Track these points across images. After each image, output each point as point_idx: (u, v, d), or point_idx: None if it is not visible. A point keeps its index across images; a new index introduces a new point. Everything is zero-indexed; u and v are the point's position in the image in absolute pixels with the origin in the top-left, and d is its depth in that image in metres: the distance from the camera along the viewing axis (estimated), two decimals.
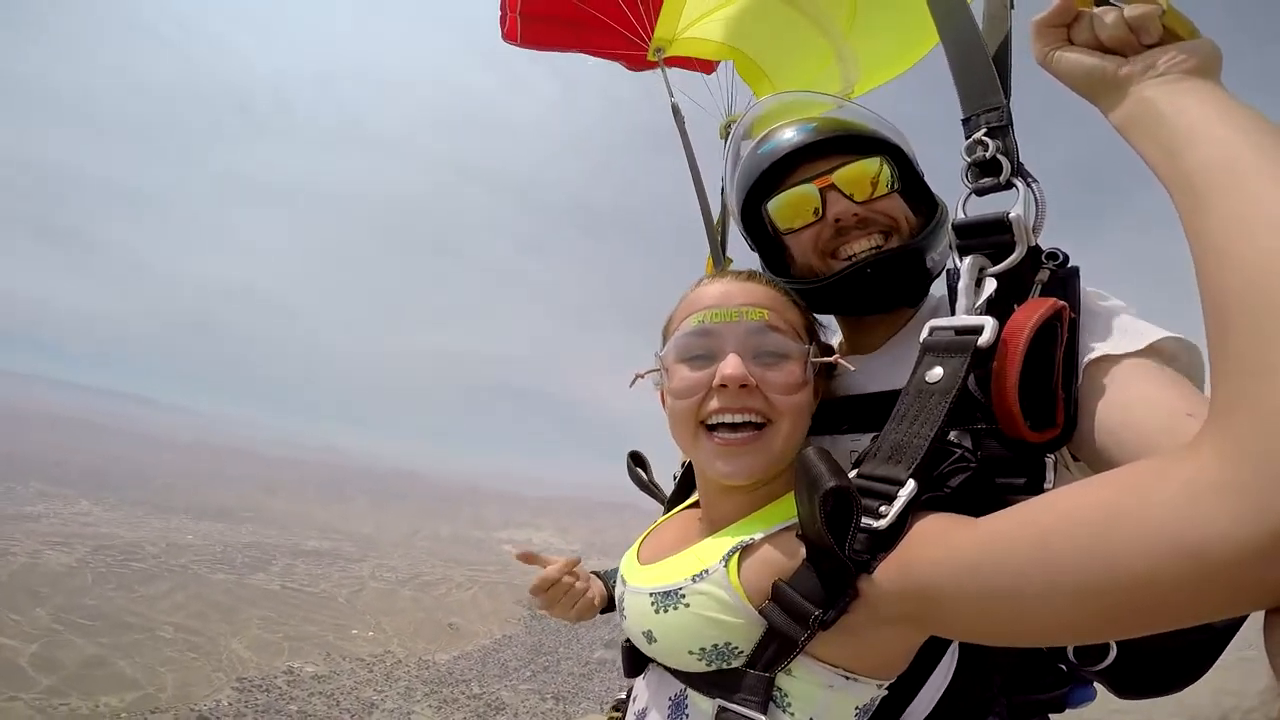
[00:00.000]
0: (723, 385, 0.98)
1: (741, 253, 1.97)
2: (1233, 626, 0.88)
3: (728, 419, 0.99)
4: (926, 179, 1.28)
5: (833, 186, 1.19)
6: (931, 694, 0.97)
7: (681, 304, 1.12)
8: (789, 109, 1.38)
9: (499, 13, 3.07)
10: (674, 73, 2.88)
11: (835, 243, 1.21)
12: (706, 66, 3.00)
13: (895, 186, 1.21)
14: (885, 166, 1.20)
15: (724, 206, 2.14)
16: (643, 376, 1.12)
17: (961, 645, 1.00)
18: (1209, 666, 0.94)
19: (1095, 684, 1.11)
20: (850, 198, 1.18)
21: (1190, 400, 0.79)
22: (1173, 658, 0.95)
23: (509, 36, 3.12)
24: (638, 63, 3.04)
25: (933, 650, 0.96)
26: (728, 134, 2.13)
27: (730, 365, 0.97)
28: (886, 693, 0.92)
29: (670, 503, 1.44)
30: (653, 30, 2.74)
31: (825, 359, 1.05)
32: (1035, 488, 0.87)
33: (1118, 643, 0.96)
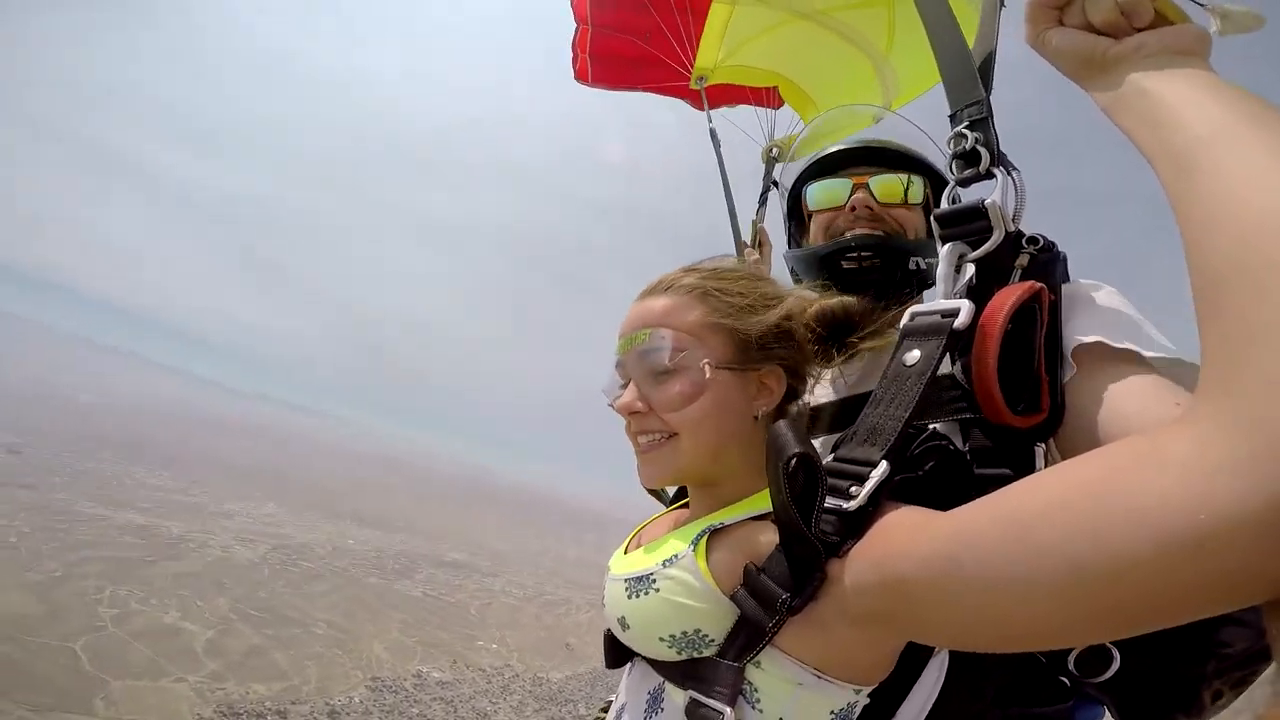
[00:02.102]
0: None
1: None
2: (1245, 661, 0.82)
3: (639, 440, 1.07)
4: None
5: (865, 186, 1.40)
6: (918, 705, 0.95)
7: None
8: (856, 119, 1.71)
9: (570, 54, 3.25)
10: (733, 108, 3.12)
11: (843, 227, 1.41)
12: (762, 98, 3.08)
13: (918, 202, 1.39)
14: (917, 185, 1.39)
15: (754, 229, 2.33)
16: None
17: (951, 654, 0.97)
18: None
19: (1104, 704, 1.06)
20: (874, 197, 1.38)
21: (1179, 392, 0.77)
22: (1184, 680, 0.89)
23: (580, 76, 3.31)
24: (696, 97, 3.15)
25: (918, 658, 0.94)
26: (769, 159, 2.42)
27: (624, 395, 1.06)
28: (867, 700, 0.91)
29: (673, 501, 1.50)
30: (694, 60, 2.90)
31: (713, 363, 1.02)
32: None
33: (1122, 655, 0.92)
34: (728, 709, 0.85)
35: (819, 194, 1.48)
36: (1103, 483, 0.51)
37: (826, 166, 1.50)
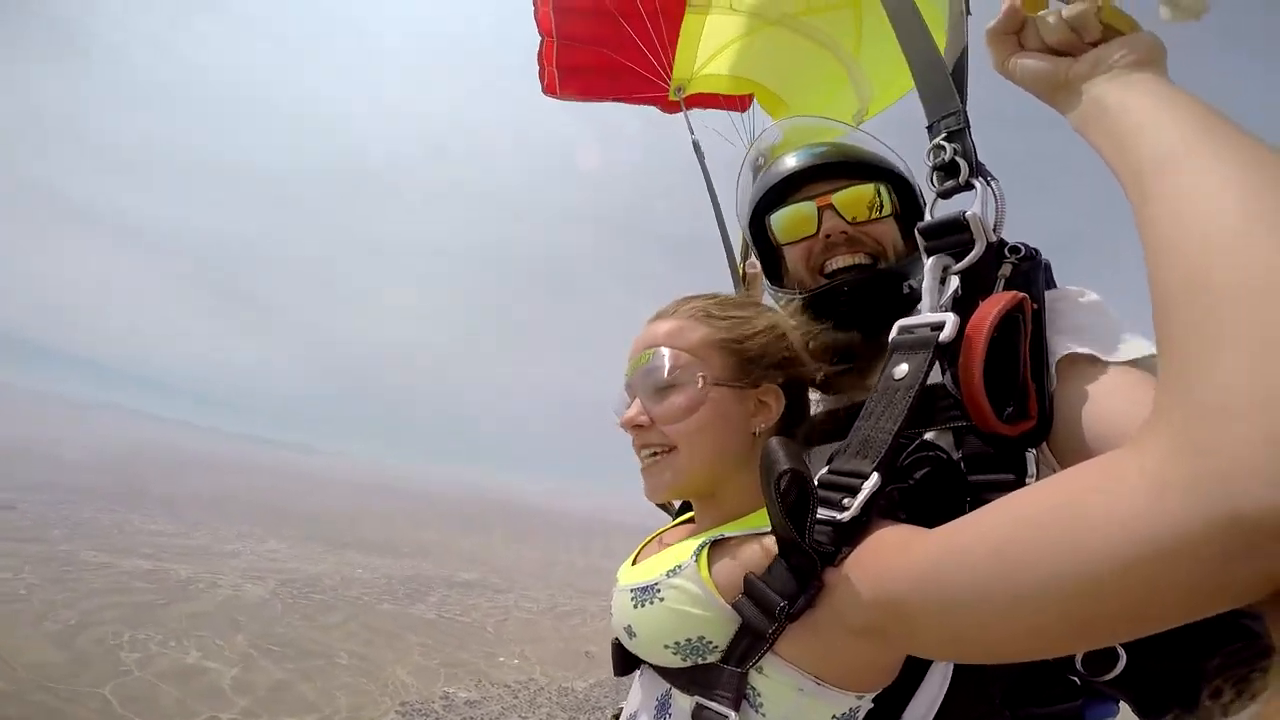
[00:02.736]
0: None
1: None
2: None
3: (641, 451, 1.10)
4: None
5: (831, 206, 1.28)
6: (924, 707, 0.95)
7: None
8: (802, 134, 1.47)
9: (537, 67, 3.14)
10: (707, 110, 2.98)
11: (823, 257, 1.29)
12: (734, 103, 3.07)
13: (889, 213, 1.28)
14: (884, 193, 1.28)
15: (744, 241, 2.23)
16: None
17: None
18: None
19: (1119, 701, 1.05)
20: (844, 218, 1.27)
21: None
22: (1193, 675, 0.87)
23: (549, 90, 3.20)
24: (670, 105, 3.08)
25: (923, 661, 0.94)
26: (754, 165, 2.27)
27: (628, 411, 1.10)
28: (871, 705, 0.91)
29: (678, 515, 1.46)
30: (671, 71, 2.82)
31: (710, 379, 1.05)
32: (1020, 485, 0.87)
33: (1128, 652, 0.92)
34: (732, 713, 0.86)
35: (785, 224, 1.34)
36: (1070, 502, 0.53)
37: (783, 191, 1.37)
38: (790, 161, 1.37)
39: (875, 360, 1.20)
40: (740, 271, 2.05)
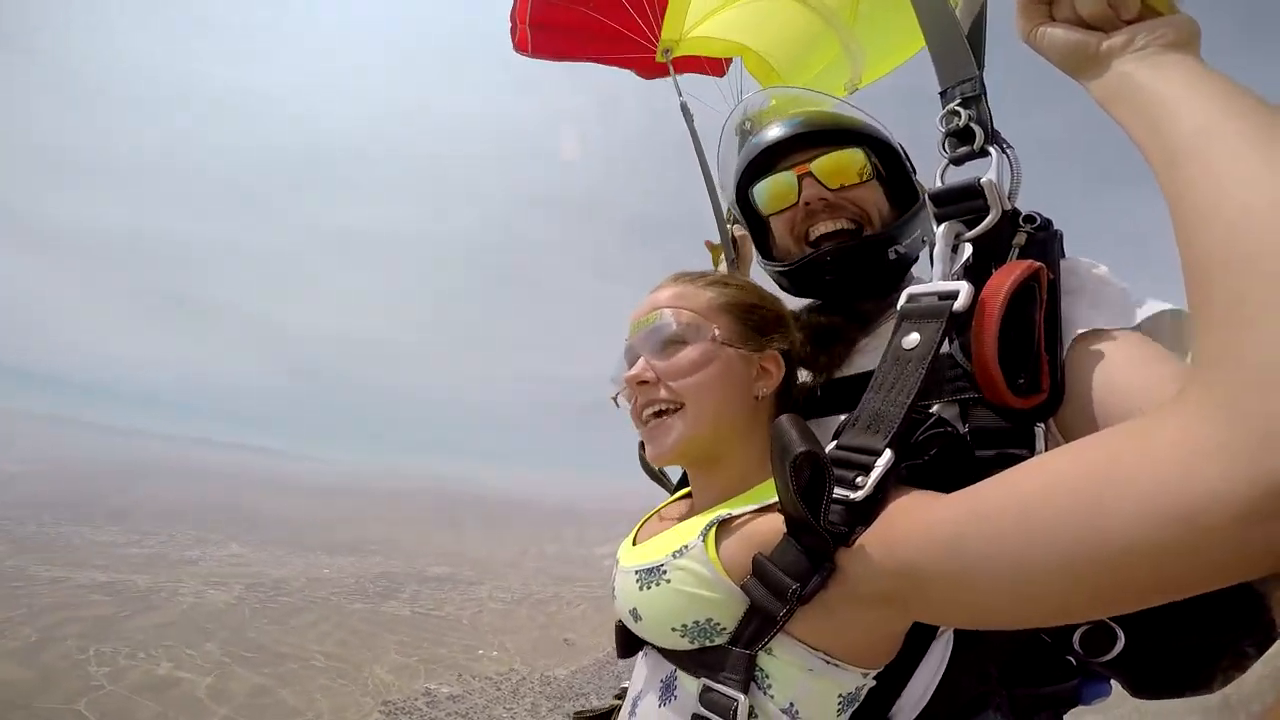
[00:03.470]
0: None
1: None
2: (1264, 638, 0.83)
3: (644, 412, 1.08)
4: (918, 177, 1.33)
5: (810, 174, 1.28)
6: (923, 686, 0.95)
7: None
8: (787, 103, 1.47)
9: (509, 24, 3.04)
10: (684, 76, 2.89)
11: (805, 225, 1.30)
12: (717, 68, 3.03)
13: (870, 177, 1.28)
14: (863, 158, 1.27)
15: (731, 210, 2.26)
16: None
17: (955, 634, 0.97)
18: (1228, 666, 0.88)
19: (1112, 681, 1.04)
20: (824, 185, 1.27)
21: (1175, 363, 0.80)
22: (1190, 655, 0.88)
23: (519, 47, 3.12)
24: (648, 68, 3.05)
25: (922, 639, 0.94)
26: (743, 131, 2.12)
27: (633, 370, 1.09)
28: (874, 683, 0.91)
29: (677, 490, 1.45)
30: (660, 32, 2.75)
31: (721, 338, 1.07)
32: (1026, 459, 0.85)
33: (1127, 633, 0.91)
34: (741, 695, 0.84)
35: (766, 195, 1.36)
36: (1100, 466, 0.53)
37: (765, 162, 1.38)
38: (769, 134, 1.37)
39: (860, 340, 1.24)
40: (729, 235, 2.03)
